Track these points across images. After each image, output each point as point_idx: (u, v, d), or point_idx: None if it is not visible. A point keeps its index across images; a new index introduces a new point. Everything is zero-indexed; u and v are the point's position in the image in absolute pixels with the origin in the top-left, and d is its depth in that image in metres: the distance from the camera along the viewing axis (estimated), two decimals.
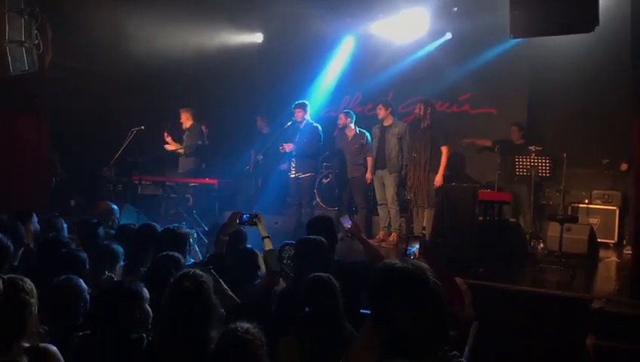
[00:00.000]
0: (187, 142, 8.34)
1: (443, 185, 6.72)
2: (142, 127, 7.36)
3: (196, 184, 7.74)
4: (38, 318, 2.18)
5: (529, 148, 7.05)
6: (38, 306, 2.16)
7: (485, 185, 7.48)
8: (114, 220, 4.85)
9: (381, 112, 7.26)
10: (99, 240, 4.03)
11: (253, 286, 3.62)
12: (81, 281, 2.90)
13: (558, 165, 6.96)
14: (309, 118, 7.43)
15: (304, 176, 7.32)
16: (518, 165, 7.05)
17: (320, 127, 7.36)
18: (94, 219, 4.44)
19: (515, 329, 4.47)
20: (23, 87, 6.45)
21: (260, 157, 7.68)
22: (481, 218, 6.38)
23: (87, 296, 2.87)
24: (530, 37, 5.97)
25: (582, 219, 6.84)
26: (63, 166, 8.34)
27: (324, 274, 2.93)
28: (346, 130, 7.70)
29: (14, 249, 3.45)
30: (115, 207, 5.02)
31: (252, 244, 4.04)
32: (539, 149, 6.98)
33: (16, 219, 4.11)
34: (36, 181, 7.00)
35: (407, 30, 8.30)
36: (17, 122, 6.84)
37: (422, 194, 6.96)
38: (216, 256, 3.89)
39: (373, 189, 7.47)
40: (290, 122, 7.35)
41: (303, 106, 7.37)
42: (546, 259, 6.17)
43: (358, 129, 7.65)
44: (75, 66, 7.89)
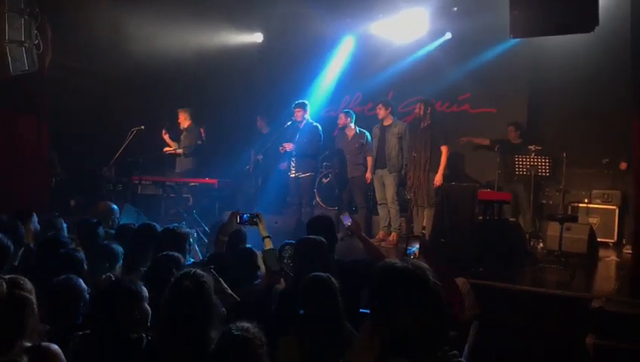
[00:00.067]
0: (185, 142, 8.34)
1: (443, 184, 6.72)
2: (142, 127, 7.36)
3: (196, 184, 7.73)
4: (38, 317, 2.18)
5: (529, 147, 7.06)
6: (37, 306, 2.15)
7: (485, 184, 7.47)
8: (114, 220, 4.86)
9: (381, 112, 7.27)
10: (99, 240, 4.04)
11: (253, 285, 3.62)
12: (80, 281, 2.91)
13: (558, 165, 6.97)
14: (308, 117, 7.42)
15: (304, 175, 7.32)
16: (518, 165, 7.05)
17: (320, 127, 7.36)
18: (94, 218, 4.45)
19: (514, 328, 4.47)
20: (23, 87, 6.45)
21: (260, 157, 7.67)
22: (480, 217, 6.38)
23: (87, 296, 2.88)
24: (529, 37, 5.99)
25: (581, 218, 6.86)
26: (63, 166, 8.33)
27: (324, 273, 2.92)
28: (346, 130, 7.71)
29: (14, 249, 3.45)
30: (115, 206, 5.02)
31: (252, 244, 4.04)
32: (539, 149, 6.99)
33: (16, 218, 4.11)
34: (36, 181, 6.99)
35: (407, 30, 8.30)
36: (17, 122, 6.84)
37: (422, 194, 6.97)
38: (216, 255, 3.90)
39: (373, 189, 7.47)
40: (290, 122, 7.35)
41: (302, 106, 7.36)
42: (545, 258, 6.17)
43: (358, 128, 7.65)
44: (75, 66, 7.89)
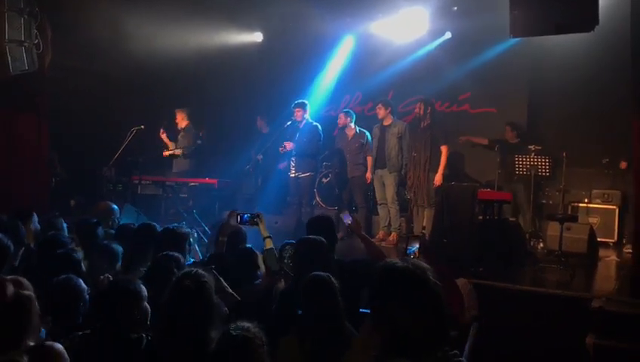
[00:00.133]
0: (183, 143, 8.35)
1: (443, 184, 6.72)
2: (142, 127, 7.35)
3: (196, 184, 7.73)
4: (39, 316, 2.18)
5: (529, 147, 7.07)
6: (37, 305, 2.16)
7: (485, 184, 7.48)
8: (114, 220, 4.85)
9: (381, 112, 7.27)
10: (98, 240, 4.04)
11: (253, 285, 3.63)
12: (80, 281, 2.91)
13: (558, 164, 6.98)
14: (308, 117, 7.41)
15: (304, 175, 7.31)
16: (518, 164, 7.06)
17: (320, 127, 7.35)
18: (94, 218, 4.45)
19: (514, 328, 4.47)
20: (23, 86, 6.44)
21: (260, 157, 7.67)
22: (480, 217, 6.38)
23: (87, 296, 2.88)
24: (529, 37, 5.99)
25: (581, 218, 6.87)
26: (63, 166, 8.32)
27: (324, 273, 2.92)
28: (345, 130, 7.70)
29: (15, 249, 3.44)
30: (115, 206, 5.02)
31: (252, 244, 4.04)
32: (538, 149, 7.00)
33: (16, 218, 4.10)
34: (36, 181, 6.98)
35: (407, 29, 8.30)
36: (17, 122, 6.83)
37: (422, 194, 6.97)
38: (216, 255, 3.91)
39: (373, 189, 7.47)
40: (290, 121, 7.34)
41: (302, 106, 7.35)
42: (545, 258, 6.18)
43: (358, 128, 7.65)
44: (75, 66, 7.88)
